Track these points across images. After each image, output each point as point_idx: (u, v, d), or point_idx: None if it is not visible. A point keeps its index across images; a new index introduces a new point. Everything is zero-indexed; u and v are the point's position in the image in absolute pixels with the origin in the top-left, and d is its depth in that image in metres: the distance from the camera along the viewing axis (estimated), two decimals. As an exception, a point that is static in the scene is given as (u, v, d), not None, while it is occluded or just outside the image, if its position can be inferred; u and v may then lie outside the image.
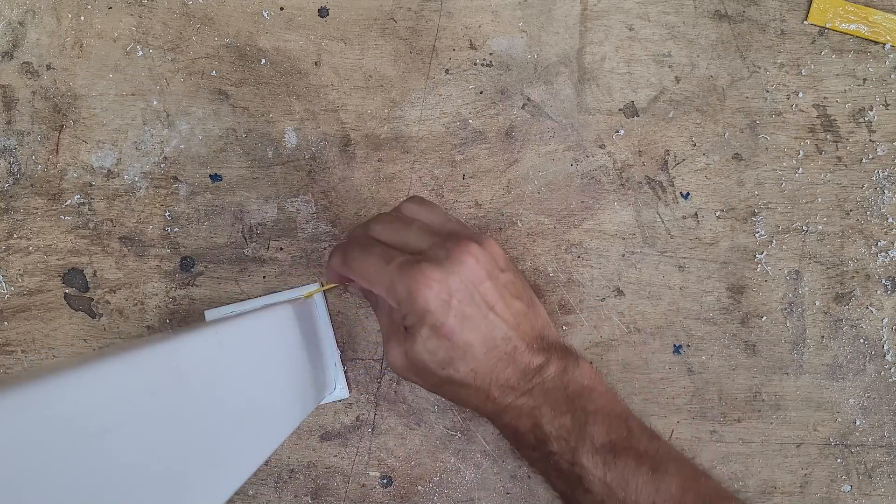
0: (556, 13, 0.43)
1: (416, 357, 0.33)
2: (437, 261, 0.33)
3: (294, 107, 0.43)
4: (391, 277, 0.33)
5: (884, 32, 0.42)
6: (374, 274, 0.33)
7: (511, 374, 0.33)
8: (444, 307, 0.32)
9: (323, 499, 0.42)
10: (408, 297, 0.32)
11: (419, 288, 0.32)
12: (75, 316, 0.42)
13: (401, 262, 0.33)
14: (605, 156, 0.43)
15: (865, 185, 0.42)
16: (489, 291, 0.33)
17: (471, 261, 0.33)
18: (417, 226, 0.35)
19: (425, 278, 0.32)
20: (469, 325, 0.33)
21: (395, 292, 0.33)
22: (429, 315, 0.32)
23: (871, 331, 0.42)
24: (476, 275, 0.33)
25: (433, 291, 0.32)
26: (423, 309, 0.32)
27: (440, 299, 0.32)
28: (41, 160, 0.42)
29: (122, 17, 0.42)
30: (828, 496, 0.42)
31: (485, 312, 0.33)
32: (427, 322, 0.32)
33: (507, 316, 0.34)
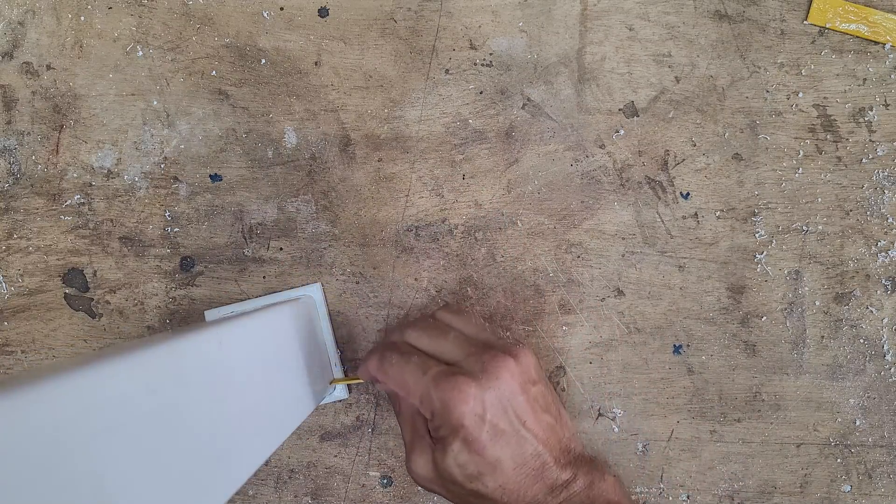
0: (556, 13, 0.43)
1: (445, 469, 0.33)
2: (473, 374, 0.33)
3: (294, 107, 0.43)
4: (427, 388, 0.33)
5: (884, 32, 0.42)
6: (411, 383, 0.34)
7: (538, 490, 0.33)
8: (478, 422, 0.32)
9: (323, 499, 0.42)
10: (442, 409, 0.33)
11: (455, 402, 0.32)
12: (75, 316, 0.42)
13: (436, 373, 0.34)
14: (605, 156, 0.43)
15: (865, 185, 0.42)
16: (521, 406, 0.34)
17: (506, 376, 0.33)
18: (454, 335, 0.36)
19: (461, 392, 0.32)
20: (501, 441, 0.33)
21: (430, 403, 0.33)
22: (462, 429, 0.32)
23: (871, 331, 0.42)
24: (510, 390, 0.34)
25: (468, 406, 0.32)
26: (458, 423, 0.32)
27: (475, 414, 0.32)
28: (41, 160, 0.42)
29: (122, 17, 0.42)
30: (828, 496, 0.42)
31: (517, 428, 0.33)
32: (460, 436, 0.33)
33: (538, 431, 0.34)
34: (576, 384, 0.42)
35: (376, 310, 0.42)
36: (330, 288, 0.42)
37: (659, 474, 0.42)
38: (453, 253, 0.43)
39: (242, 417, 0.28)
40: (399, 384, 0.35)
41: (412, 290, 0.42)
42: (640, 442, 0.42)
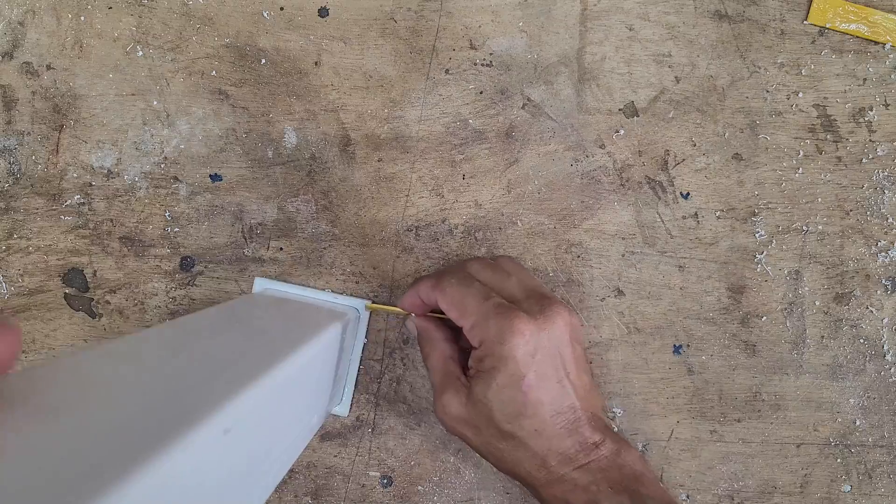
0: (556, 13, 0.43)
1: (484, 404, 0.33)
2: (532, 313, 0.33)
3: (294, 107, 0.43)
4: (486, 313, 0.33)
5: (884, 32, 0.42)
6: (470, 304, 0.34)
7: (570, 445, 0.33)
8: (528, 359, 0.32)
9: (323, 499, 0.42)
10: (497, 337, 0.32)
11: (511, 333, 0.32)
12: (75, 316, 0.42)
13: (498, 302, 0.33)
14: (605, 156, 0.43)
15: (865, 185, 0.42)
16: (568, 358, 0.34)
17: (560, 324, 0.34)
18: (515, 278, 0.36)
19: (519, 324, 0.32)
20: (545, 385, 0.33)
21: (485, 329, 0.33)
22: (512, 362, 0.32)
23: (871, 331, 0.42)
24: (562, 338, 0.34)
25: (523, 339, 0.32)
26: (508, 355, 0.32)
27: (527, 350, 0.32)
28: (41, 160, 0.42)
29: (122, 17, 0.42)
30: (828, 496, 0.42)
31: (561, 377, 0.33)
32: (508, 369, 0.32)
33: (578, 386, 0.34)
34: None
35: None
36: (330, 288, 0.42)
37: (659, 474, 0.42)
38: (453, 253, 0.43)
39: (283, 436, 0.28)
40: (456, 303, 0.34)
41: (412, 290, 0.42)
42: (640, 442, 0.42)
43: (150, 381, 0.21)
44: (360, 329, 0.42)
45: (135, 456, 0.16)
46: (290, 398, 0.29)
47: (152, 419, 0.18)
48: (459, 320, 0.34)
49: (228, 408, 0.20)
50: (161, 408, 0.19)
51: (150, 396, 0.20)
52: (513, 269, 0.37)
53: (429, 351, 0.37)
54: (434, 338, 0.37)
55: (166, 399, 0.20)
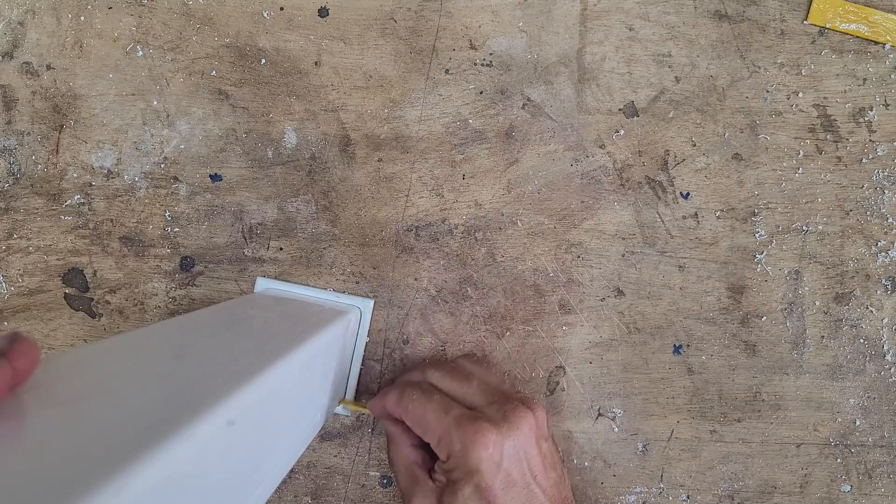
0: (556, 13, 0.43)
1: None
2: (495, 421, 0.33)
3: (294, 107, 0.43)
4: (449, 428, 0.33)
5: (884, 32, 0.42)
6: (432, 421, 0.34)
7: None
8: (495, 469, 0.33)
9: (323, 499, 0.42)
10: (462, 451, 0.33)
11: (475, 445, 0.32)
12: (75, 316, 0.42)
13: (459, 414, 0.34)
14: (605, 156, 0.43)
15: (865, 185, 0.42)
16: (534, 460, 0.34)
17: (525, 428, 0.34)
18: (477, 382, 0.36)
19: (483, 437, 0.33)
20: (512, 492, 0.33)
21: (449, 444, 0.33)
22: (477, 474, 0.33)
23: (871, 331, 0.42)
24: (527, 442, 0.34)
25: (487, 452, 0.33)
26: (474, 467, 0.32)
27: (492, 460, 0.33)
28: (41, 160, 0.42)
29: (122, 17, 0.42)
30: (828, 496, 0.42)
31: (528, 481, 0.34)
32: (473, 480, 0.33)
33: (546, 486, 0.34)
34: (576, 384, 0.42)
35: (376, 310, 0.42)
36: (331, 288, 0.42)
37: (659, 474, 0.42)
38: (453, 253, 0.43)
39: (287, 432, 0.28)
40: (418, 421, 0.35)
41: (412, 290, 0.42)
42: (640, 442, 0.42)
43: (156, 375, 0.21)
44: (363, 328, 0.42)
45: (140, 444, 0.16)
46: (293, 394, 0.29)
47: (158, 410, 0.19)
48: (425, 437, 0.35)
49: (233, 399, 0.20)
50: (166, 399, 0.19)
51: (155, 389, 0.20)
52: (473, 369, 0.38)
53: (393, 456, 0.38)
54: (400, 442, 0.38)
55: (171, 391, 0.20)
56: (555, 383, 0.42)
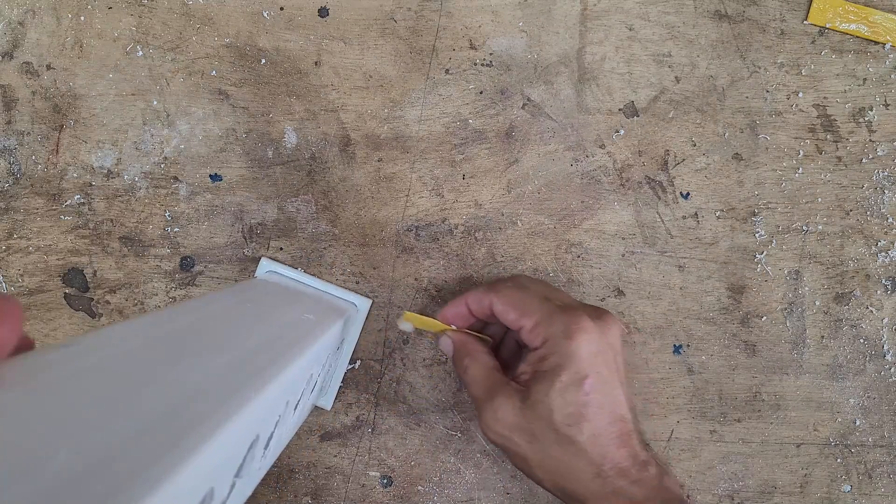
0: (556, 13, 0.43)
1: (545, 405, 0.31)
2: (592, 316, 0.33)
3: (294, 107, 0.43)
4: (550, 311, 0.33)
5: (884, 32, 0.42)
6: (531, 304, 0.33)
7: (625, 457, 0.32)
8: (592, 359, 0.32)
9: (323, 499, 0.42)
10: (564, 333, 0.32)
11: (578, 329, 0.32)
12: (75, 316, 0.42)
13: (559, 303, 0.33)
14: (605, 156, 0.43)
15: (865, 185, 0.42)
16: (621, 365, 0.33)
17: (616, 330, 0.34)
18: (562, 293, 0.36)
19: (585, 323, 0.32)
20: (604, 388, 0.32)
21: (549, 326, 0.32)
22: (577, 360, 0.31)
23: (871, 331, 0.42)
24: (617, 345, 0.33)
25: (588, 336, 0.32)
26: (574, 352, 0.31)
27: (590, 349, 0.32)
28: (41, 160, 0.42)
29: (122, 17, 0.42)
30: (828, 496, 0.42)
31: (616, 382, 0.33)
32: (572, 367, 0.31)
33: (628, 395, 0.33)
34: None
35: (376, 310, 0.42)
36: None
37: (659, 474, 0.42)
38: (453, 253, 0.43)
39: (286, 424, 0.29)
40: (515, 304, 0.34)
41: (412, 290, 0.42)
42: (640, 442, 0.42)
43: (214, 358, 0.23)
44: (357, 325, 0.42)
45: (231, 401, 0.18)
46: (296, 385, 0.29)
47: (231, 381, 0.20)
48: (520, 320, 0.34)
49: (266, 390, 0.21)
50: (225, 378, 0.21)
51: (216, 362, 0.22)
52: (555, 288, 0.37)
53: (468, 363, 0.36)
54: (475, 350, 0.36)
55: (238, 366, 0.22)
56: (555, 383, 0.42)
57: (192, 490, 0.16)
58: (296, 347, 0.27)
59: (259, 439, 0.23)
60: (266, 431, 0.24)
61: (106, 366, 0.18)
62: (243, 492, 0.23)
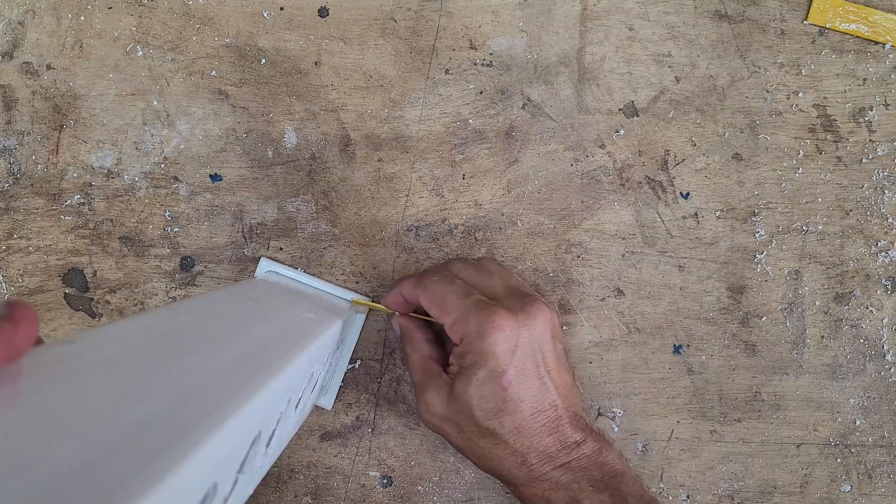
0: (556, 13, 0.43)
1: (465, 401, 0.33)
2: (513, 310, 0.33)
3: (294, 107, 0.43)
4: (466, 309, 0.33)
5: (884, 32, 0.42)
6: (450, 301, 0.34)
7: (551, 444, 0.33)
8: (509, 355, 0.32)
9: (323, 499, 0.42)
10: (477, 333, 0.32)
11: (492, 328, 0.32)
12: (75, 316, 0.42)
13: (478, 299, 0.34)
14: (605, 156, 0.43)
15: (865, 185, 0.42)
16: (549, 354, 0.34)
17: (542, 320, 0.34)
18: (497, 277, 0.36)
19: (500, 320, 0.32)
20: (525, 382, 0.33)
21: (465, 325, 0.33)
22: (492, 358, 0.32)
23: (871, 331, 0.42)
24: (543, 335, 0.34)
25: (503, 335, 0.32)
26: (489, 351, 0.32)
27: (507, 346, 0.32)
28: (41, 160, 0.42)
29: (122, 17, 0.42)
30: (828, 496, 0.42)
31: (542, 373, 0.33)
32: (488, 365, 0.32)
33: (559, 383, 0.34)
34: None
35: (376, 309, 0.42)
36: (330, 288, 0.42)
37: (659, 474, 0.42)
38: (453, 253, 0.42)
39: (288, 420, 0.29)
40: (436, 300, 0.34)
41: (412, 290, 0.42)
42: (640, 442, 0.42)
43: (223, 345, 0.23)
44: (357, 324, 0.42)
45: None
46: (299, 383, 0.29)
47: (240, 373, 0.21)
48: (441, 317, 0.34)
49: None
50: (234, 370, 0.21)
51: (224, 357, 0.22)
52: (495, 268, 0.38)
53: (409, 351, 0.37)
54: (415, 338, 0.37)
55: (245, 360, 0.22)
56: (555, 383, 0.42)
57: (195, 484, 0.16)
58: (297, 345, 0.27)
59: (261, 436, 0.23)
60: (268, 428, 0.24)
61: (111, 362, 0.18)
62: (245, 489, 0.23)
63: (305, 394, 0.32)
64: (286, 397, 0.26)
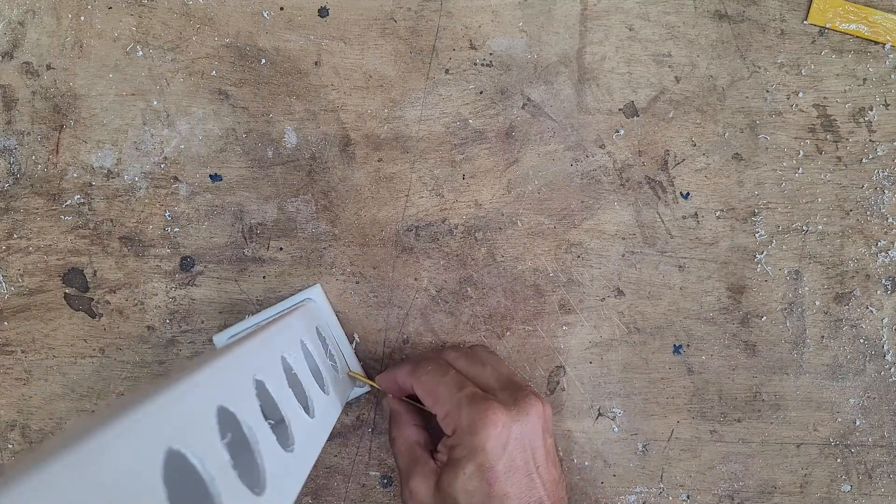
0: (556, 13, 0.43)
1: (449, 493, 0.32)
2: (506, 404, 0.33)
3: (294, 107, 0.43)
4: (459, 403, 0.33)
5: (884, 32, 0.42)
6: (443, 394, 0.34)
7: None
8: (499, 451, 0.32)
9: (323, 499, 0.42)
10: (469, 428, 0.32)
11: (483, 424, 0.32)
12: (75, 316, 0.42)
13: (472, 392, 0.34)
14: (605, 156, 0.43)
15: (865, 185, 0.42)
16: (539, 450, 0.34)
17: (534, 414, 0.34)
18: (490, 368, 0.36)
19: (493, 415, 0.32)
20: (513, 478, 0.33)
21: (457, 418, 0.33)
22: (481, 453, 0.32)
23: (871, 331, 0.42)
24: (535, 430, 0.34)
25: (495, 430, 0.32)
26: (479, 446, 0.32)
27: (499, 441, 0.32)
28: (41, 160, 0.42)
29: (122, 17, 0.42)
30: (828, 496, 0.42)
31: (530, 470, 0.33)
32: (477, 460, 0.32)
33: (547, 479, 0.34)
34: (576, 384, 0.42)
35: (376, 310, 0.42)
36: (330, 288, 0.42)
37: (659, 474, 0.42)
38: (453, 253, 0.43)
39: None
40: (430, 391, 0.35)
41: (412, 290, 0.42)
42: (640, 442, 0.42)
43: None
44: (324, 307, 0.41)
45: None
46: None
47: None
48: (433, 408, 0.35)
49: None
50: None
51: None
52: (488, 358, 0.38)
53: (395, 434, 0.38)
54: (403, 422, 0.38)
55: None
56: (555, 383, 0.42)
57: None
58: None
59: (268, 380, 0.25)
60: (272, 377, 0.27)
61: None
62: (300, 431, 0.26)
63: (309, 361, 0.34)
64: (278, 351, 0.29)
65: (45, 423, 0.42)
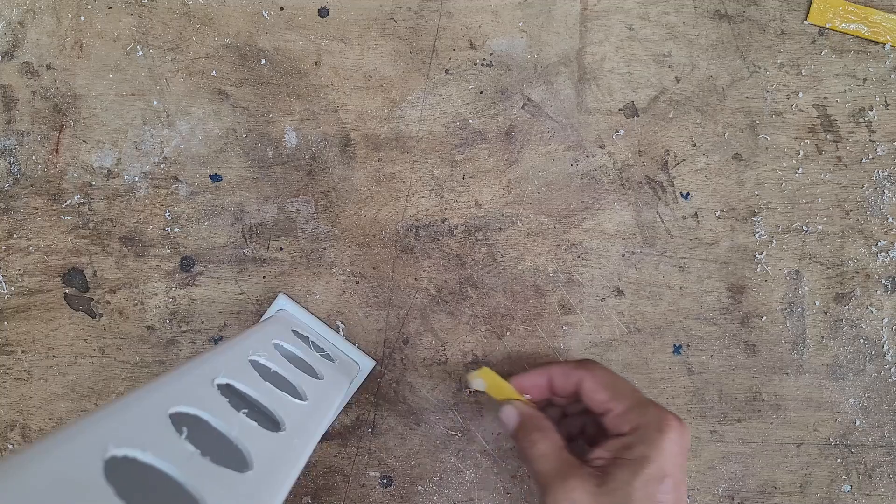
0: (556, 13, 0.43)
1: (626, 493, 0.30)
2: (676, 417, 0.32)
3: (294, 107, 0.43)
4: (642, 400, 0.32)
5: (884, 32, 0.42)
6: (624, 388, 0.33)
7: None
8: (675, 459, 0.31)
9: (323, 499, 0.42)
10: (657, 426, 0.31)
11: (669, 426, 0.31)
12: (75, 316, 0.42)
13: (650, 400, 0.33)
14: (605, 156, 0.43)
15: (865, 185, 0.42)
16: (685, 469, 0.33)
17: (687, 435, 0.33)
18: None
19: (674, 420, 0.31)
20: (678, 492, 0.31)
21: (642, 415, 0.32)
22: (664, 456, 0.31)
23: (871, 331, 0.42)
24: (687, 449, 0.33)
25: (677, 435, 0.31)
26: (664, 447, 0.31)
27: (678, 448, 0.31)
28: (41, 160, 0.42)
29: (122, 17, 0.42)
30: (828, 496, 0.42)
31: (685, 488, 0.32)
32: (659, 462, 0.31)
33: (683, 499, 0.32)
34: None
35: (376, 310, 0.42)
36: (330, 288, 0.42)
37: (659, 474, 0.42)
38: (453, 253, 0.43)
39: None
40: (609, 384, 0.33)
41: (412, 290, 0.42)
42: (640, 442, 0.42)
43: None
44: (296, 312, 0.42)
45: None
46: None
47: None
48: (609, 402, 0.33)
49: None
50: None
51: None
52: None
53: (537, 439, 0.34)
54: (544, 426, 0.35)
55: None
56: (555, 383, 0.42)
57: None
58: None
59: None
60: (242, 377, 0.29)
61: None
62: None
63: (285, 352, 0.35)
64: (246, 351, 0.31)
65: (45, 423, 0.42)
